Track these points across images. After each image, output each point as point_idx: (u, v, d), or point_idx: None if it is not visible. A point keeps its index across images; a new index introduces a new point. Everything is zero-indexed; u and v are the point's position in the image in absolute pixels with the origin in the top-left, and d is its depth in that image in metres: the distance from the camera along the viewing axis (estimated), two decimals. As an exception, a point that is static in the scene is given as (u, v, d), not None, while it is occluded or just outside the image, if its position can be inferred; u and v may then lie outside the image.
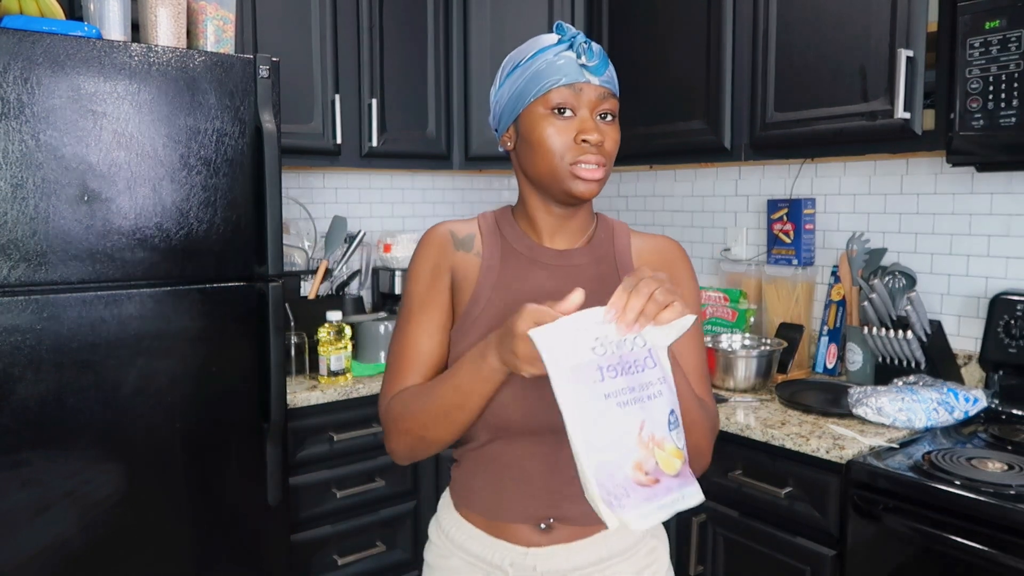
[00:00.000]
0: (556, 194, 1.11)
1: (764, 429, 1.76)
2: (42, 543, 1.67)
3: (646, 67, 2.40)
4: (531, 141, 1.09)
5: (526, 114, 1.10)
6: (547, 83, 1.07)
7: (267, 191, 1.88)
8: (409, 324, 1.14)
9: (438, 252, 1.16)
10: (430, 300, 1.14)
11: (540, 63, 1.08)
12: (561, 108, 1.07)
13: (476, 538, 1.15)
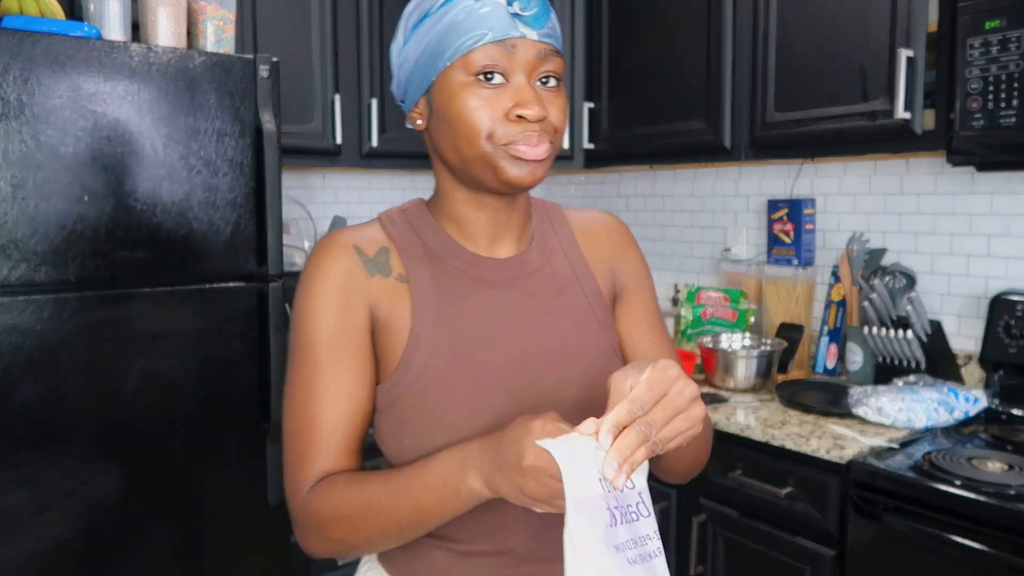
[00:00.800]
0: (488, 183, 0.85)
1: (764, 429, 1.76)
2: (42, 543, 1.67)
3: (646, 67, 2.40)
4: (449, 117, 0.83)
5: (441, 82, 0.83)
6: (468, 39, 0.81)
7: (267, 191, 1.88)
8: (317, 384, 0.85)
9: (345, 283, 0.86)
10: (343, 349, 0.85)
11: (458, 12, 0.81)
12: (488, 73, 0.82)
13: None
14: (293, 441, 0.87)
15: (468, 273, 0.89)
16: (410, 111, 0.89)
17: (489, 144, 0.82)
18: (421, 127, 0.89)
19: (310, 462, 0.86)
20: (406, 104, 0.89)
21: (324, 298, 0.86)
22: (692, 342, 2.47)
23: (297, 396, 0.87)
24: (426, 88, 0.85)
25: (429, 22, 0.83)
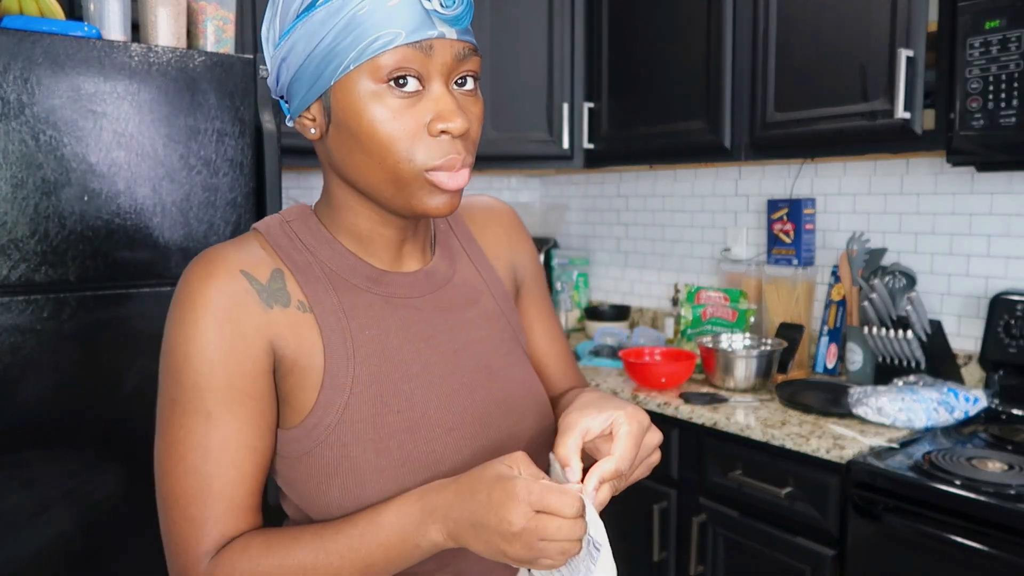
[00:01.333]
0: (397, 208, 0.75)
1: (764, 429, 1.76)
2: (42, 543, 1.67)
3: (646, 67, 2.40)
4: (354, 130, 0.71)
5: (342, 87, 0.71)
6: (377, 40, 0.68)
7: (267, 191, 1.88)
8: (210, 435, 0.72)
9: (235, 316, 0.72)
10: (239, 392, 0.73)
11: (360, 4, 0.68)
12: (401, 78, 0.69)
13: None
14: (180, 506, 0.72)
15: (376, 293, 0.78)
16: (298, 117, 0.76)
17: (408, 166, 0.71)
18: (315, 136, 0.76)
19: (207, 529, 0.73)
20: (292, 108, 0.76)
21: (210, 334, 0.71)
22: (692, 342, 2.47)
23: (180, 451, 0.72)
24: (321, 92, 0.72)
25: (322, 12, 0.69)
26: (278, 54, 0.75)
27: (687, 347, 2.46)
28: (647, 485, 2.04)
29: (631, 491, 0.91)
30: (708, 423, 1.88)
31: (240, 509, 0.75)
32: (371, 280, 0.79)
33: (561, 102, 2.63)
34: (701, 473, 1.93)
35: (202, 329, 0.71)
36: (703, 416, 1.90)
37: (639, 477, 0.75)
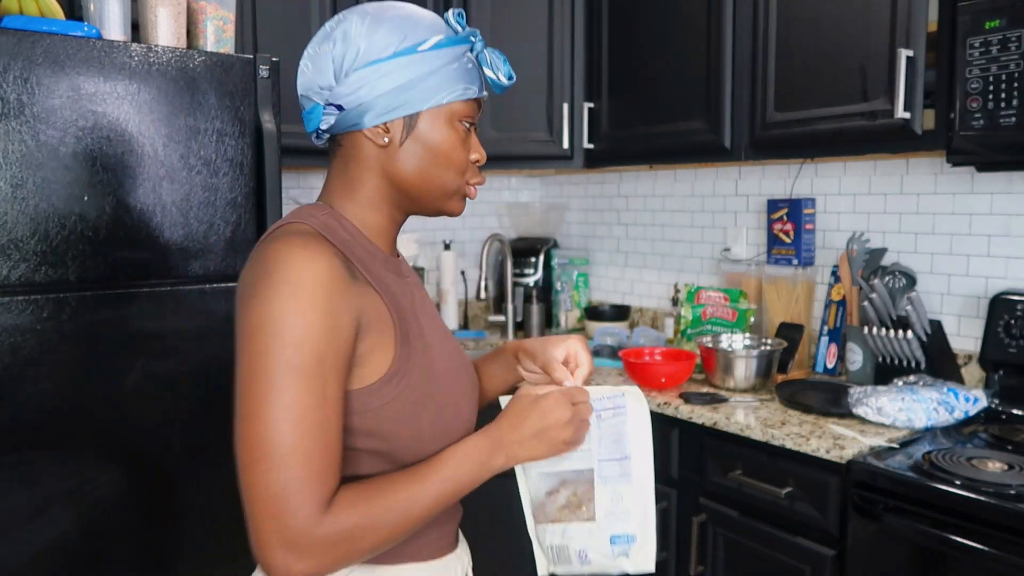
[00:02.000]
0: (426, 208, 0.99)
1: (764, 429, 1.76)
2: (42, 543, 1.67)
3: (646, 67, 2.40)
4: (433, 147, 0.93)
5: (433, 114, 0.92)
6: (465, 90, 0.93)
7: (267, 191, 1.88)
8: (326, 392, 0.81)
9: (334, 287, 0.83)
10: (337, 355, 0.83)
11: (449, 61, 0.91)
12: (469, 120, 0.95)
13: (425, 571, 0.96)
14: (301, 461, 0.79)
15: (391, 272, 0.97)
16: (378, 125, 0.91)
17: (458, 179, 0.96)
18: (383, 144, 0.92)
19: (327, 479, 0.81)
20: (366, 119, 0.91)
21: (325, 306, 0.82)
22: (692, 342, 2.47)
23: (301, 412, 0.79)
24: (408, 113, 0.91)
25: (419, 58, 0.90)
26: (369, 73, 0.90)
27: (687, 347, 2.46)
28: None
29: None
30: (708, 423, 1.88)
31: (339, 463, 0.84)
32: (386, 262, 0.98)
33: (561, 102, 2.63)
34: (701, 473, 1.93)
35: (318, 302, 0.81)
36: (703, 416, 1.90)
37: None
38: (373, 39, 0.90)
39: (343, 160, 0.96)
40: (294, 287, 0.81)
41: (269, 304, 0.81)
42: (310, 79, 0.93)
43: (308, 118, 0.95)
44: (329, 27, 0.93)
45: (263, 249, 0.86)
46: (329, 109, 0.92)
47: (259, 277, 0.83)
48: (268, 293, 0.81)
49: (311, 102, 0.94)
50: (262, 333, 0.81)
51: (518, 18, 2.64)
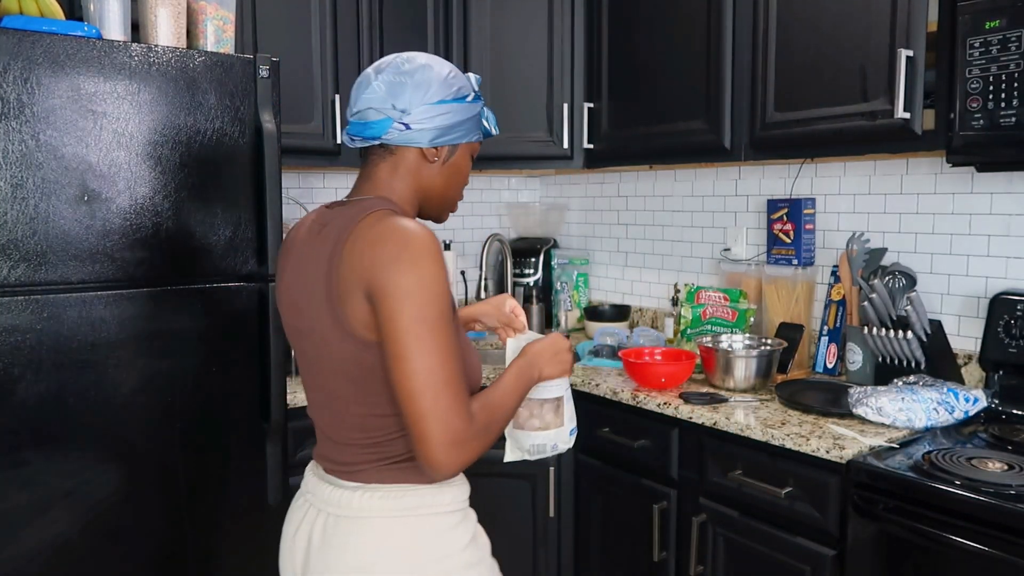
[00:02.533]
0: (433, 213, 1.29)
1: (764, 429, 1.76)
2: (42, 543, 1.67)
3: (646, 67, 2.40)
4: (458, 171, 1.26)
5: (463, 148, 1.25)
6: (479, 135, 1.27)
7: (267, 191, 1.88)
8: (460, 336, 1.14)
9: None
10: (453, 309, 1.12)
11: (477, 112, 1.24)
12: (474, 157, 1.30)
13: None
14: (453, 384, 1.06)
15: None
16: (431, 148, 1.20)
17: (460, 197, 1.31)
18: (433, 162, 1.21)
19: (463, 393, 1.08)
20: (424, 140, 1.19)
21: (443, 266, 1.08)
22: (692, 342, 2.47)
23: (452, 350, 1.07)
24: (454, 143, 1.22)
25: (466, 105, 1.21)
26: (438, 107, 1.18)
27: (687, 347, 2.46)
28: (647, 485, 2.05)
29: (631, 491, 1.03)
30: (708, 423, 1.88)
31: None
32: None
33: (561, 102, 2.63)
34: (701, 473, 1.93)
35: (444, 268, 1.08)
36: (703, 416, 1.90)
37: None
38: (441, 84, 1.18)
39: (392, 164, 1.20)
40: (432, 257, 1.06)
41: (419, 270, 1.05)
42: (382, 98, 1.16)
43: (371, 126, 1.17)
44: (406, 65, 1.18)
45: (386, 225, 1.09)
46: (398, 126, 1.16)
47: (401, 249, 1.06)
48: (414, 262, 1.05)
49: (379, 115, 1.16)
50: (419, 292, 1.05)
51: (518, 18, 2.64)
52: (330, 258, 1.11)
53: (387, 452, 1.15)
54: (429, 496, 1.16)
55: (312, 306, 1.14)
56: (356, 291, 1.07)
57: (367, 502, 1.14)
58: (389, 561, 1.12)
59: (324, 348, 1.14)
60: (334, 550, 1.14)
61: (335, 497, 1.16)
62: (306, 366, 1.21)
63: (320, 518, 1.18)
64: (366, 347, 1.09)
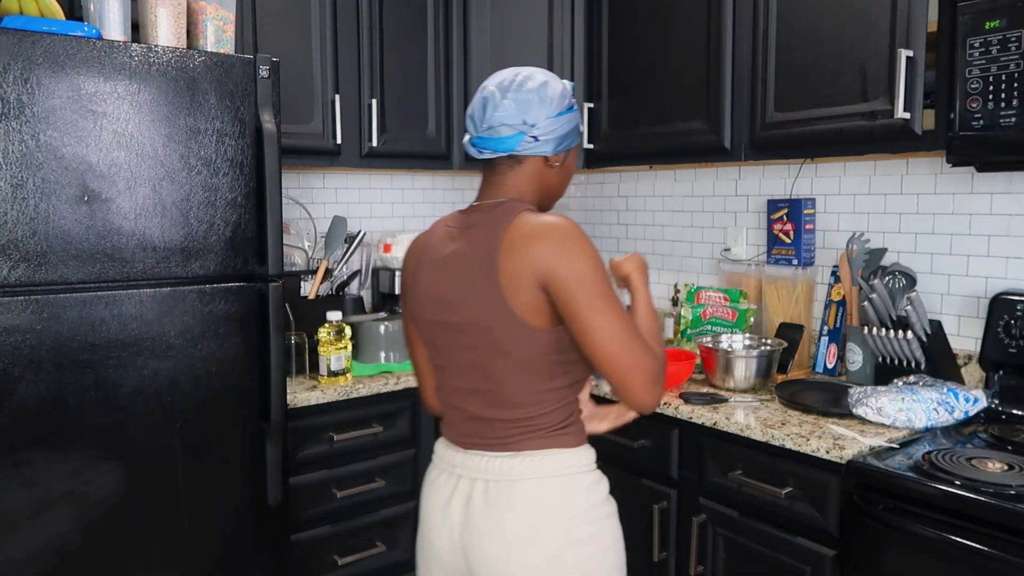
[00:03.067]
0: (545, 208, 1.41)
1: (764, 429, 1.76)
2: (42, 543, 1.67)
3: (646, 67, 2.40)
4: (569, 171, 1.41)
5: (573, 151, 1.40)
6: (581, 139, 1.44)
7: (267, 191, 1.88)
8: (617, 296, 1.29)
9: None
10: None
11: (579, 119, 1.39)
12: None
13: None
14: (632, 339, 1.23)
15: None
16: (555, 155, 1.35)
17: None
18: (555, 165, 1.36)
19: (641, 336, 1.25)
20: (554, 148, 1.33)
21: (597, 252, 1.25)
22: (692, 342, 2.47)
23: (622, 308, 1.24)
24: (568, 148, 1.37)
25: (575, 112, 1.36)
26: (558, 119, 1.33)
27: (687, 347, 2.46)
28: (647, 485, 2.04)
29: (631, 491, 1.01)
30: (708, 423, 1.88)
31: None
32: None
33: (561, 102, 2.62)
34: (701, 473, 1.93)
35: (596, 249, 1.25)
36: (703, 416, 1.90)
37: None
38: (558, 98, 1.33)
39: (520, 171, 1.34)
40: (587, 240, 1.24)
41: (585, 255, 1.22)
42: (512, 115, 1.29)
43: (504, 140, 1.30)
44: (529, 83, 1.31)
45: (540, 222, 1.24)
46: (528, 139, 1.30)
47: (565, 240, 1.22)
48: (579, 248, 1.22)
49: (511, 130, 1.30)
50: (591, 272, 1.21)
51: (518, 18, 2.64)
52: (488, 257, 1.25)
53: (537, 424, 1.29)
54: (573, 458, 1.31)
55: (470, 301, 1.27)
56: (527, 284, 1.22)
57: (526, 466, 1.29)
58: (550, 514, 1.28)
59: (485, 336, 1.27)
60: (499, 510, 1.28)
61: (493, 465, 1.30)
62: (455, 356, 1.33)
63: (477, 485, 1.31)
64: (534, 332, 1.24)
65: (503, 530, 1.27)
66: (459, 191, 3.20)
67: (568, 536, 1.28)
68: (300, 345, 2.32)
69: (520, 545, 1.27)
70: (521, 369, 1.27)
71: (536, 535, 1.27)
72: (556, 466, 1.30)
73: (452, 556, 1.36)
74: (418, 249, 1.41)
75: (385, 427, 2.26)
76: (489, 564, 1.29)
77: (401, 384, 2.27)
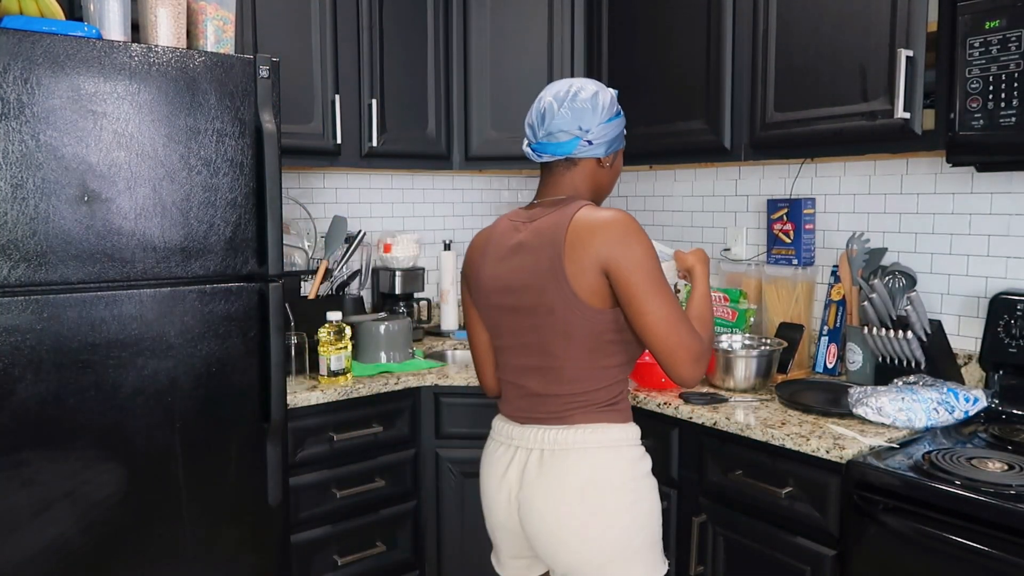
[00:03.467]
0: (599, 202, 1.57)
1: (764, 429, 1.76)
2: (42, 543, 1.67)
3: (646, 67, 2.40)
4: (616, 170, 1.58)
5: (620, 152, 1.56)
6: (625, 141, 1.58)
7: (267, 191, 1.88)
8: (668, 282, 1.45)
9: None
10: None
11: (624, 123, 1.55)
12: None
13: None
14: (683, 321, 1.40)
15: None
16: (606, 156, 1.52)
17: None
18: (605, 166, 1.53)
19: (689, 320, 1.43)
20: (605, 150, 1.50)
21: (651, 242, 1.42)
22: (692, 342, 2.47)
23: (672, 293, 1.41)
24: (616, 149, 1.54)
25: (622, 117, 1.54)
26: (608, 125, 1.50)
27: (687, 347, 2.46)
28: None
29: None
30: (708, 423, 1.88)
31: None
32: None
33: (561, 102, 2.63)
34: (701, 473, 1.93)
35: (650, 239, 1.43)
36: (703, 416, 1.90)
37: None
38: (608, 106, 1.49)
39: (575, 172, 1.52)
40: (642, 231, 1.42)
41: (641, 244, 1.40)
42: (569, 122, 1.46)
43: (562, 145, 1.48)
44: (582, 94, 1.48)
45: (601, 216, 1.41)
46: (583, 144, 1.47)
47: (623, 230, 1.39)
48: (637, 238, 1.40)
49: (568, 136, 1.47)
50: (646, 259, 1.39)
51: (518, 18, 2.64)
52: (553, 247, 1.41)
53: (590, 399, 1.45)
54: (623, 432, 1.47)
55: (536, 286, 1.44)
56: (590, 270, 1.39)
57: (580, 437, 1.44)
58: (598, 480, 1.43)
59: (549, 319, 1.43)
60: (555, 477, 1.44)
61: (548, 436, 1.46)
62: (518, 337, 1.50)
63: (533, 455, 1.47)
64: (596, 313, 1.41)
65: (555, 492, 1.43)
66: (459, 191, 3.20)
67: (614, 501, 1.43)
68: (300, 345, 2.33)
69: (568, 506, 1.42)
70: (580, 347, 1.43)
71: (584, 497, 1.42)
72: (605, 438, 1.45)
73: (510, 520, 1.52)
74: (483, 240, 1.58)
75: (385, 427, 2.26)
76: (541, 522, 1.45)
77: (401, 384, 2.27)
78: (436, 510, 2.37)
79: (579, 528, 1.42)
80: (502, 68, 2.67)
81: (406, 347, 2.48)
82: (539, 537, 1.46)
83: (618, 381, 1.48)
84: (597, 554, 1.43)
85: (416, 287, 2.85)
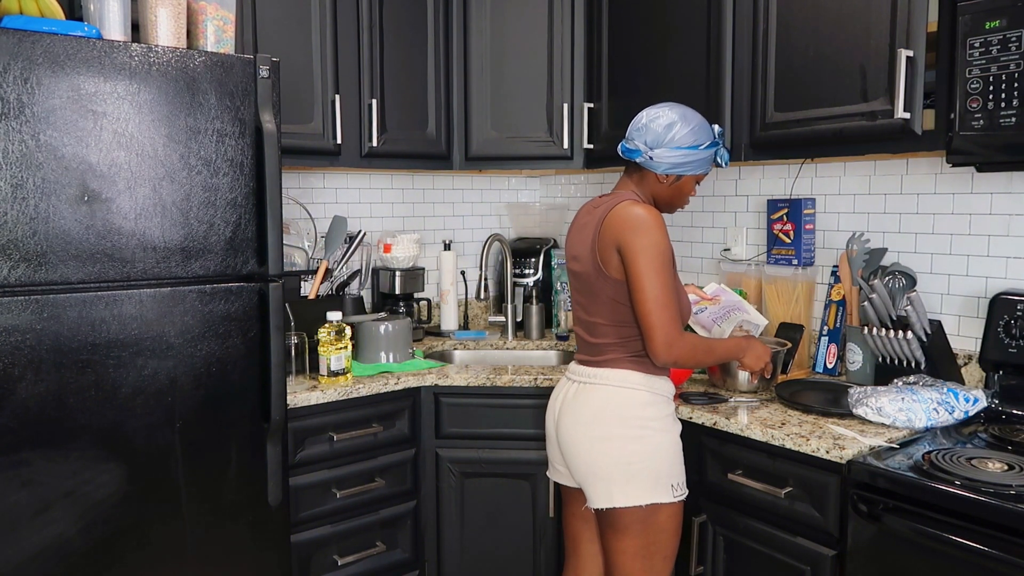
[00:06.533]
0: (662, 211, 1.82)
1: (764, 429, 1.76)
2: (42, 543, 1.67)
3: (646, 67, 2.40)
4: (680, 190, 1.82)
5: (687, 177, 1.80)
6: (705, 169, 1.80)
7: (267, 191, 1.88)
8: (671, 278, 1.68)
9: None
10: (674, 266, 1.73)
11: (710, 154, 1.78)
12: (699, 181, 1.86)
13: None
14: (671, 310, 1.67)
15: None
16: (664, 175, 1.78)
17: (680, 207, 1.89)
18: (664, 183, 1.79)
19: (678, 322, 1.69)
20: (660, 168, 1.76)
21: (666, 239, 1.69)
22: (692, 342, 2.47)
23: (674, 285, 1.70)
24: (683, 174, 1.78)
25: (698, 151, 1.76)
26: (673, 151, 1.75)
27: (687, 347, 2.46)
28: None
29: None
30: (708, 423, 1.88)
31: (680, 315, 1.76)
32: None
33: (561, 102, 2.63)
34: (701, 473, 1.93)
35: (666, 237, 1.70)
36: (703, 416, 1.90)
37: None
38: (680, 135, 1.75)
39: (638, 176, 1.81)
40: (657, 228, 1.68)
41: (649, 236, 1.67)
42: (641, 137, 1.76)
43: (633, 152, 1.77)
44: (658, 120, 1.75)
45: (631, 209, 1.70)
46: (645, 157, 1.76)
47: (641, 222, 1.67)
48: (646, 230, 1.67)
49: (636, 147, 1.77)
50: (648, 248, 1.66)
51: (518, 18, 2.64)
52: (596, 227, 1.74)
53: (626, 349, 1.75)
54: (637, 378, 1.74)
55: (583, 256, 1.78)
56: (611, 247, 1.70)
57: (605, 375, 1.76)
58: (610, 410, 1.73)
59: (590, 284, 1.77)
60: (580, 403, 1.77)
61: (586, 372, 1.79)
62: (576, 295, 1.84)
63: (572, 386, 1.82)
64: (616, 283, 1.72)
65: (577, 414, 1.77)
66: (459, 191, 3.20)
67: (622, 429, 1.72)
68: (300, 345, 2.33)
69: (584, 427, 1.75)
70: (604, 307, 1.75)
71: (598, 420, 1.74)
72: (624, 380, 1.74)
73: (554, 435, 1.85)
74: (575, 219, 1.89)
75: (385, 427, 2.26)
76: (568, 436, 1.78)
77: (401, 384, 2.27)
78: (436, 510, 2.37)
79: (588, 446, 1.74)
80: (502, 68, 2.67)
81: (406, 347, 2.48)
82: (564, 448, 1.79)
83: (635, 339, 1.73)
84: (599, 469, 1.73)
85: (416, 287, 2.85)
